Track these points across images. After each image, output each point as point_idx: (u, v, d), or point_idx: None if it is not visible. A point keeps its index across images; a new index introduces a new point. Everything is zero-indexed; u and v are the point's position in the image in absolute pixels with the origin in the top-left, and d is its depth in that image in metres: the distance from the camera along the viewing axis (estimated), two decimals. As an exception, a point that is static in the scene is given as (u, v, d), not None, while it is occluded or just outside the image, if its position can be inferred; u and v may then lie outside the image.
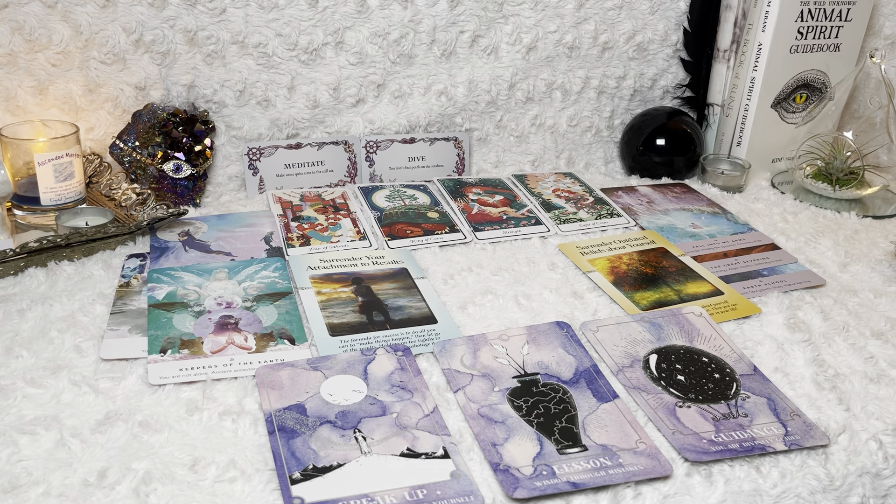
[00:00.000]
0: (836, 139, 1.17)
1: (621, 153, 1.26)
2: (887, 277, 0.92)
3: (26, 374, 0.68)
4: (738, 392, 0.70)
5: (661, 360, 0.74)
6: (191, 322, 0.77)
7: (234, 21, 1.03)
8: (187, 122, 1.03)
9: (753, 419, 0.66)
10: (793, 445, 0.63)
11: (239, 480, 0.58)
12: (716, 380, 0.71)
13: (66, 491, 0.56)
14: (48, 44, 0.96)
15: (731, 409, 0.67)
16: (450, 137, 1.18)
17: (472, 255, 0.94)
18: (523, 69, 1.18)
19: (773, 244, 1.00)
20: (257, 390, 0.67)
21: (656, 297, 0.86)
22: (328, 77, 1.09)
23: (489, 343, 0.75)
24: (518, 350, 0.74)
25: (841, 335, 0.79)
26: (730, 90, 1.24)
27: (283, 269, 0.88)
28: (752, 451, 0.62)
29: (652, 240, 0.99)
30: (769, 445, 0.63)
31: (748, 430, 0.65)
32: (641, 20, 1.21)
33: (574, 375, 0.71)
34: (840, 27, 1.22)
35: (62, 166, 0.92)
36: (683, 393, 0.69)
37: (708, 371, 0.73)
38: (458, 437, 0.63)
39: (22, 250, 0.83)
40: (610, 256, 0.95)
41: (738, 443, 0.63)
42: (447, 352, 0.73)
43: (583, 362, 0.73)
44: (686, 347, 0.76)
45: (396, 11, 1.09)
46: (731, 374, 0.72)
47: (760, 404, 0.68)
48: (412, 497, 0.56)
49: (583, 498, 0.58)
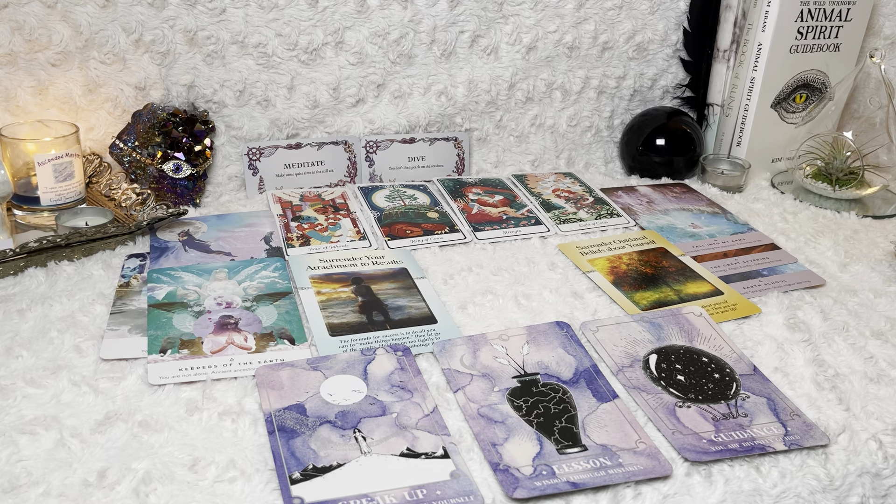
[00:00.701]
0: (836, 139, 1.17)
1: (621, 153, 1.26)
2: (887, 277, 0.92)
3: (26, 374, 0.68)
4: (738, 392, 0.70)
5: (661, 360, 0.74)
6: (191, 322, 0.77)
7: (234, 21, 1.03)
8: (187, 122, 1.03)
9: (753, 419, 0.66)
10: (793, 445, 0.63)
11: (239, 480, 0.58)
12: (716, 380, 0.71)
13: (65, 491, 0.56)
14: (48, 44, 0.96)
15: (730, 409, 0.67)
16: (450, 137, 1.18)
17: (472, 255, 0.94)
18: (523, 69, 1.18)
19: (773, 244, 1.00)
20: (257, 390, 0.67)
21: (656, 297, 0.86)
22: (328, 77, 1.09)
23: (489, 343, 0.75)
24: (518, 350, 0.74)
25: (841, 335, 0.79)
26: (730, 90, 1.24)
27: (282, 269, 0.88)
28: (752, 451, 0.62)
29: (652, 240, 0.99)
30: (769, 445, 0.63)
31: (748, 430, 0.65)
32: (641, 20, 1.21)
33: (574, 375, 0.71)
34: (840, 27, 1.22)
35: (62, 166, 0.92)
36: (683, 393, 0.70)
37: (708, 371, 0.73)
38: (458, 437, 0.63)
39: (22, 250, 0.83)
40: (610, 256, 0.95)
41: (737, 443, 0.63)
42: (447, 352, 0.73)
43: (582, 362, 0.73)
44: (686, 347, 0.76)
45: (396, 11, 1.09)
46: (731, 374, 0.72)
47: (760, 404, 0.68)
48: (412, 497, 0.56)
49: (583, 498, 0.58)
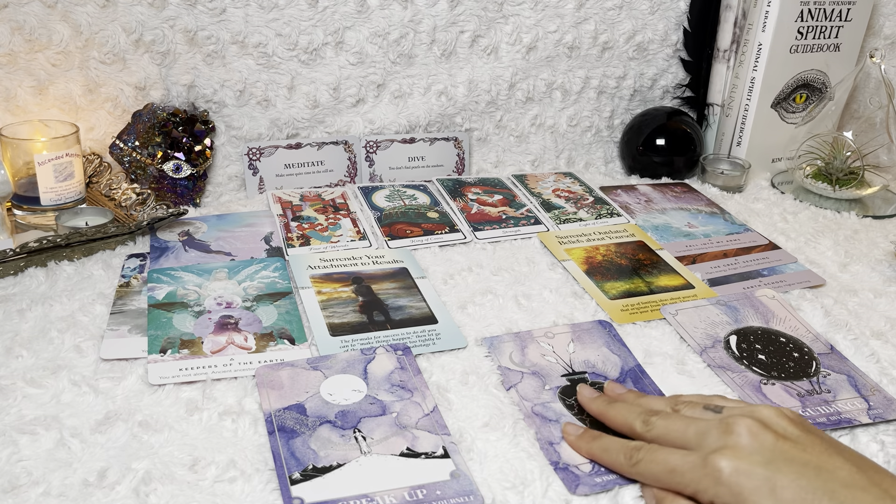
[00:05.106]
0: (836, 139, 1.17)
1: (621, 153, 1.26)
2: (887, 277, 0.92)
3: (26, 374, 0.68)
4: (819, 370, 0.73)
5: (741, 341, 0.77)
6: (191, 322, 0.77)
7: (234, 21, 1.03)
8: (187, 122, 1.03)
9: (836, 395, 0.69)
10: (877, 418, 0.67)
11: (239, 480, 0.58)
12: (795, 358, 0.74)
13: (65, 491, 0.56)
14: (48, 44, 0.96)
15: (813, 386, 0.71)
16: (450, 137, 1.18)
17: (472, 255, 0.94)
18: (523, 69, 1.18)
19: (772, 244, 1.00)
20: (257, 390, 0.67)
21: (626, 287, 0.87)
22: (328, 77, 1.09)
23: (536, 340, 0.76)
24: (564, 348, 0.75)
25: (841, 334, 0.79)
26: (730, 90, 1.24)
27: (283, 268, 0.88)
28: (840, 424, 0.65)
29: (632, 233, 1.01)
30: (855, 419, 0.66)
31: (833, 405, 0.68)
32: (641, 20, 1.21)
33: (620, 374, 0.72)
34: (840, 27, 1.22)
35: (62, 166, 0.92)
36: (766, 371, 0.72)
37: (787, 350, 0.75)
38: (458, 437, 0.63)
39: (22, 250, 0.83)
40: (587, 247, 0.96)
41: (825, 416, 0.67)
42: (496, 348, 0.75)
43: (627, 361, 0.74)
44: (763, 329, 0.79)
45: (396, 11, 1.09)
46: (810, 353, 0.75)
47: (841, 381, 0.71)
48: (412, 497, 0.56)
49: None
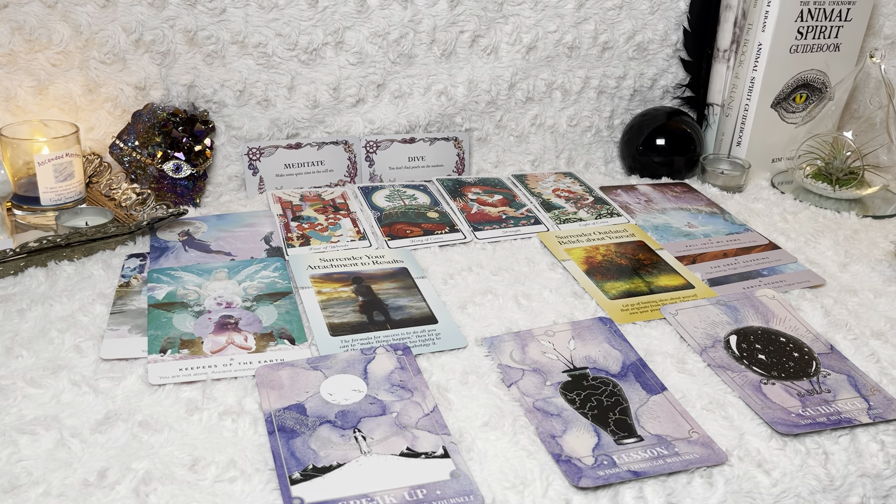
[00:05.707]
0: (836, 139, 1.17)
1: (621, 153, 1.26)
2: (887, 277, 0.92)
3: (26, 374, 0.68)
4: (819, 370, 0.73)
5: (742, 341, 0.77)
6: (191, 322, 0.77)
7: (234, 21, 1.03)
8: (187, 122, 1.03)
9: (837, 394, 0.69)
10: (877, 418, 0.67)
11: (239, 480, 0.58)
12: (795, 358, 0.74)
13: (66, 491, 0.56)
14: (48, 44, 0.96)
15: (813, 386, 0.71)
16: (450, 137, 1.17)
17: (472, 255, 0.94)
18: (523, 69, 1.18)
19: (772, 244, 1.00)
20: (257, 390, 0.67)
21: (626, 287, 0.87)
22: (328, 77, 1.09)
23: (536, 339, 0.76)
24: (565, 345, 0.76)
25: (841, 334, 0.79)
26: (730, 90, 1.24)
27: (282, 268, 0.88)
28: (840, 424, 0.65)
29: (632, 233, 1.01)
30: (855, 419, 0.66)
31: (833, 405, 0.68)
32: (641, 20, 1.21)
33: (622, 369, 0.72)
34: (840, 27, 1.22)
35: (62, 166, 0.92)
36: (766, 371, 0.72)
37: (787, 350, 0.76)
38: (458, 437, 0.63)
39: (22, 250, 0.83)
40: (587, 247, 0.96)
41: (825, 416, 0.66)
42: (496, 347, 0.75)
43: (629, 356, 0.74)
44: (763, 328, 0.79)
45: (396, 11, 1.09)
46: (810, 353, 0.75)
47: (841, 381, 0.71)
48: (412, 497, 0.56)
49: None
